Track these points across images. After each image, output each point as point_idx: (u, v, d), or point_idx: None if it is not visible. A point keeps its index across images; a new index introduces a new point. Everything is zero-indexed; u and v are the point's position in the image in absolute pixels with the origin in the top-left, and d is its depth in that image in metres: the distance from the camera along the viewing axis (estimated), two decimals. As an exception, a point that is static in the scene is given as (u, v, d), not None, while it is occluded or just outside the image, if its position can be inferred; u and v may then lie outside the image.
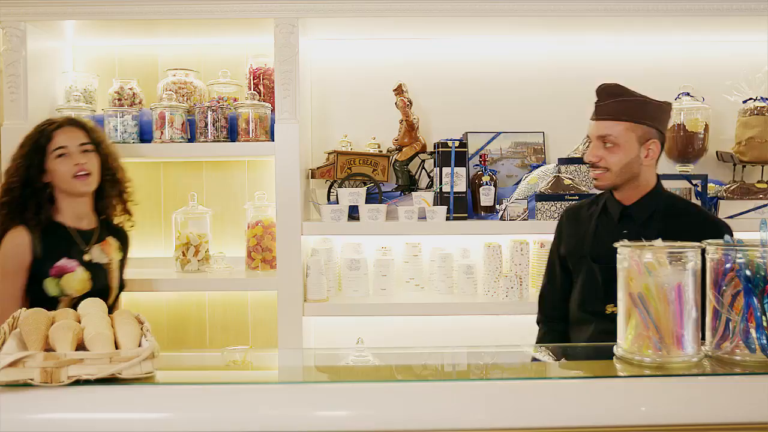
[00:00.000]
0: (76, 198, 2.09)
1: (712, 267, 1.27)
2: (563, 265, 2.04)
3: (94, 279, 2.06)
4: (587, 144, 2.71)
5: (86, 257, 2.07)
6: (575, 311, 1.99)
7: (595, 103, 1.91)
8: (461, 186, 2.61)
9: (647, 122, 1.86)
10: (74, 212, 2.11)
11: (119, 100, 2.72)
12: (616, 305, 1.81)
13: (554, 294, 2.07)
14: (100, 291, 2.05)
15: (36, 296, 2.01)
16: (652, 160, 1.87)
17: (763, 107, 2.61)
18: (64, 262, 2.02)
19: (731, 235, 1.85)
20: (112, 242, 2.17)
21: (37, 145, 2.04)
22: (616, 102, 1.87)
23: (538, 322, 2.13)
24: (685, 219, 1.89)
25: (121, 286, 2.21)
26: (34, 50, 2.57)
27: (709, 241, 1.28)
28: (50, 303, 1.98)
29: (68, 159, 2.04)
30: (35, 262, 2.01)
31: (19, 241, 2.01)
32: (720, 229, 1.87)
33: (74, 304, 1.97)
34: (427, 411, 1.13)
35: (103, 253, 2.12)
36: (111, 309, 2.08)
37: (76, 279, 2.02)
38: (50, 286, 2.01)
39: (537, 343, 2.09)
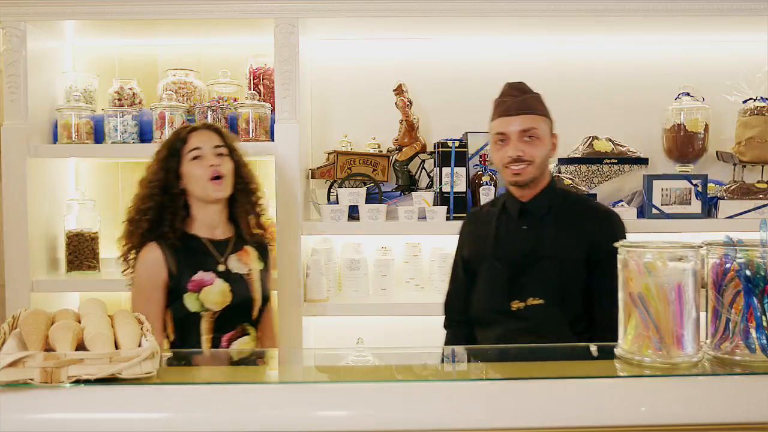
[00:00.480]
0: (210, 205, 1.99)
1: (712, 267, 1.27)
2: (466, 269, 2.05)
3: (234, 290, 1.95)
4: (587, 142, 2.72)
5: (221, 268, 1.97)
6: (481, 312, 1.99)
7: (505, 99, 1.94)
8: (461, 186, 2.61)
9: (550, 116, 1.96)
10: (208, 221, 2.00)
11: (119, 100, 2.72)
12: (521, 301, 1.90)
13: (459, 298, 2.08)
14: (242, 303, 1.97)
15: (178, 312, 1.93)
16: (554, 153, 1.97)
17: (763, 107, 2.61)
18: (200, 275, 1.93)
19: (622, 226, 1.96)
20: (250, 251, 2.04)
21: (173, 149, 1.97)
22: (530, 97, 1.94)
23: (444, 327, 2.14)
24: (579, 211, 1.96)
25: (265, 298, 2.06)
26: (34, 50, 2.57)
27: (709, 241, 1.28)
28: (193, 318, 1.92)
29: (202, 161, 1.95)
30: (171, 278, 1.92)
31: (153, 257, 1.93)
32: (612, 218, 1.97)
33: (217, 317, 1.93)
34: (427, 411, 1.13)
35: (241, 262, 2.00)
36: (257, 322, 2.03)
37: (215, 292, 1.92)
38: (190, 302, 1.92)
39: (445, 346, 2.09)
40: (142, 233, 1.95)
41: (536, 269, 1.90)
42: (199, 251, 1.97)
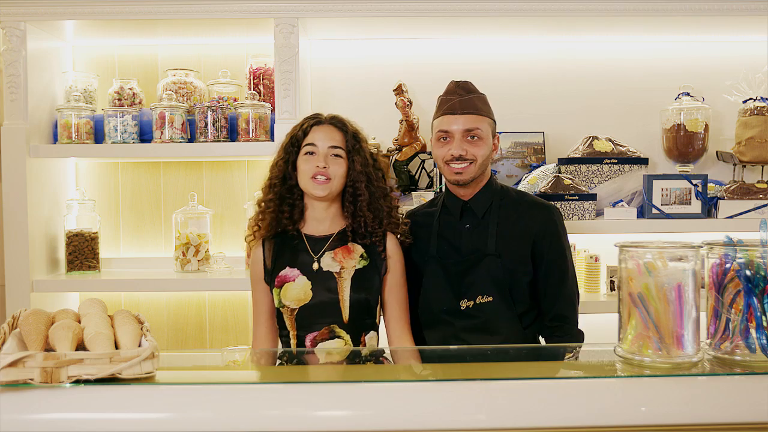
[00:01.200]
0: (316, 200, 1.93)
1: (712, 267, 1.27)
2: (408, 271, 2.03)
3: (315, 289, 1.89)
4: (587, 142, 2.72)
5: (314, 266, 1.90)
6: (429, 312, 1.99)
7: (451, 98, 1.96)
8: (461, 186, 2.61)
9: (493, 117, 2.00)
10: (314, 215, 1.95)
11: (119, 100, 2.72)
12: (469, 299, 1.93)
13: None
14: (322, 303, 1.88)
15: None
16: (495, 153, 2.03)
17: (763, 107, 2.61)
18: (287, 271, 1.91)
19: (561, 219, 2.01)
20: (353, 249, 1.93)
21: (294, 139, 1.94)
22: (475, 97, 1.96)
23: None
24: (519, 207, 2.00)
25: (366, 301, 1.91)
26: (34, 50, 2.57)
27: (709, 241, 1.28)
28: (280, 313, 1.92)
29: (313, 158, 1.89)
30: (266, 272, 1.94)
31: (255, 252, 1.97)
32: (551, 212, 2.00)
33: (297, 315, 1.89)
34: (427, 411, 1.13)
35: (335, 260, 1.91)
36: (358, 326, 1.90)
37: (294, 288, 1.89)
38: (274, 296, 1.92)
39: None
40: (266, 225, 1.95)
41: (482, 267, 1.93)
42: (296, 247, 1.94)
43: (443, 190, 2.61)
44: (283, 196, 1.94)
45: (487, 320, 1.93)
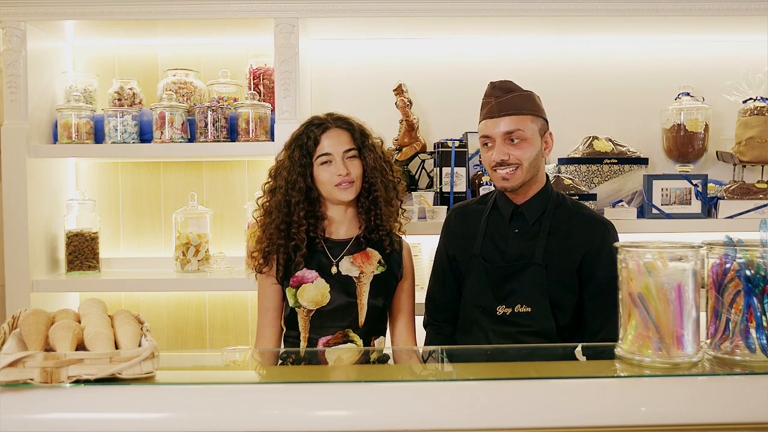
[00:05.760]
0: (336, 204, 1.93)
1: (712, 267, 1.27)
2: (452, 267, 2.01)
3: (333, 293, 1.88)
4: (587, 142, 2.72)
5: (333, 270, 1.90)
6: (468, 310, 1.94)
7: (489, 100, 1.87)
8: (461, 186, 2.61)
9: (542, 114, 1.88)
10: (334, 218, 1.94)
11: (119, 100, 2.72)
12: (507, 306, 1.84)
13: (443, 296, 2.03)
14: (340, 307, 1.88)
15: (285, 307, 1.93)
16: (548, 153, 1.90)
17: (763, 107, 2.61)
18: (304, 272, 1.89)
19: (616, 234, 1.89)
20: (372, 254, 1.92)
21: (306, 149, 1.90)
22: (515, 96, 1.85)
23: (425, 326, 2.09)
24: (573, 218, 1.89)
25: (383, 308, 1.92)
26: (34, 50, 2.57)
27: (709, 241, 1.28)
28: (293, 314, 1.90)
29: (331, 166, 1.88)
30: (278, 270, 1.92)
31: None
32: (607, 229, 1.89)
33: (312, 317, 1.88)
34: (427, 411, 1.13)
35: (354, 265, 1.90)
36: (371, 331, 1.90)
37: (312, 290, 1.88)
38: (288, 296, 1.90)
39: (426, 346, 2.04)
40: (299, 241, 1.89)
41: (526, 275, 1.84)
42: (314, 248, 1.92)
43: (441, 190, 2.62)
44: (308, 210, 1.90)
45: (521, 331, 1.84)
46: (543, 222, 1.87)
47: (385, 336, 1.96)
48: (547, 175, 1.96)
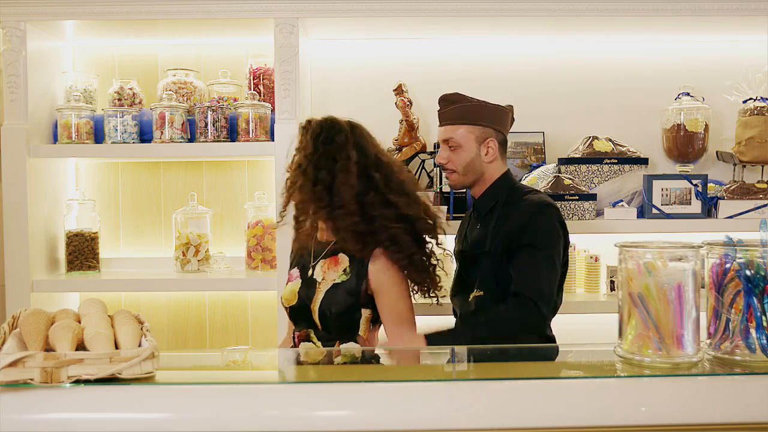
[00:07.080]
0: None
1: (712, 267, 1.27)
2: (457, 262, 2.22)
3: (301, 293, 1.94)
4: (587, 142, 2.72)
5: (310, 272, 1.96)
6: (452, 300, 2.17)
7: (438, 111, 2.10)
8: (461, 186, 2.61)
9: (482, 123, 2.05)
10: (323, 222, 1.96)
11: (119, 100, 2.72)
12: (470, 293, 2.02)
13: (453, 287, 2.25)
14: (300, 308, 1.95)
15: None
16: (493, 157, 2.05)
17: (763, 107, 2.61)
18: (293, 270, 2.02)
19: (544, 219, 1.94)
20: (341, 260, 1.91)
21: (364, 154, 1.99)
22: (454, 108, 2.06)
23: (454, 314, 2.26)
24: (517, 205, 2.01)
25: (336, 316, 1.89)
26: (34, 50, 2.57)
27: (709, 241, 1.28)
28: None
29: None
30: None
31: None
32: (536, 206, 1.96)
33: (289, 314, 1.99)
34: (427, 411, 1.13)
35: (321, 269, 1.93)
36: (330, 340, 1.92)
37: (288, 289, 1.98)
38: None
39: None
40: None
41: (478, 263, 2.04)
42: (308, 250, 2.01)
43: (441, 190, 2.62)
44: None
45: (477, 314, 2.02)
46: (494, 213, 2.05)
47: (356, 343, 1.92)
48: (508, 171, 2.10)
